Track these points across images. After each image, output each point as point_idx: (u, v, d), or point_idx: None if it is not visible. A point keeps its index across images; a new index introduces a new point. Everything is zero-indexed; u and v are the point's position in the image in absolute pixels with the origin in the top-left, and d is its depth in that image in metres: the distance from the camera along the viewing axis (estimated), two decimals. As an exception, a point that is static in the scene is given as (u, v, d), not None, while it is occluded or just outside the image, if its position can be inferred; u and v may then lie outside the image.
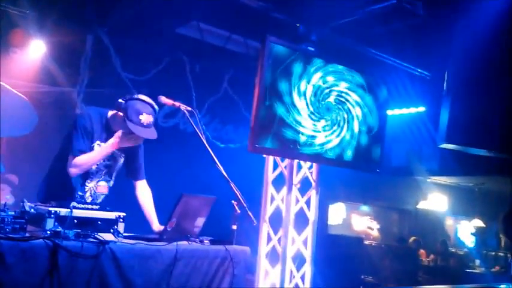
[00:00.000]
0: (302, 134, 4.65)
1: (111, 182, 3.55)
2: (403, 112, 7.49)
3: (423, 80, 6.19)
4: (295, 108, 4.59)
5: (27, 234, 2.64)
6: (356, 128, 5.04)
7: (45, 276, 2.50)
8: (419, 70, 6.02)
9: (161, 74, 5.79)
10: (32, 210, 2.87)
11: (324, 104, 4.82)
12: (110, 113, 3.44)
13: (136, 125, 3.28)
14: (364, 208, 11.64)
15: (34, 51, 5.23)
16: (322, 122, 4.79)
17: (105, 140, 3.36)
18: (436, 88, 5.33)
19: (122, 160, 3.54)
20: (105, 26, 5.33)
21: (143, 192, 3.60)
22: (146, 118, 3.31)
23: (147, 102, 3.37)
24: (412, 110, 7.42)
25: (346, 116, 4.97)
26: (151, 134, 3.38)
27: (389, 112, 5.96)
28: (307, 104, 4.67)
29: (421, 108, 7.29)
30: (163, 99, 3.71)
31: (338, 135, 4.91)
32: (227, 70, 6.46)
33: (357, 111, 5.03)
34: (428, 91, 6.46)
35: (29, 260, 2.50)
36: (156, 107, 3.43)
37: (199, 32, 5.76)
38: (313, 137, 4.73)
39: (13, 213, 2.71)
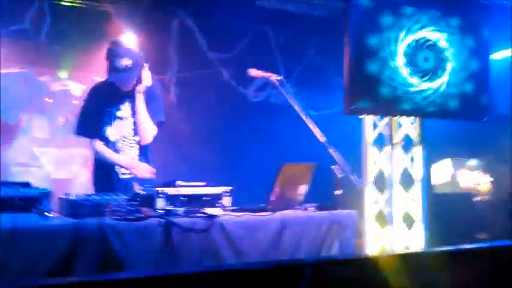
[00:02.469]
0: (399, 88, 4.42)
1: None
2: (508, 54, 6.88)
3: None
4: (389, 62, 4.37)
5: (140, 215, 2.77)
6: (457, 76, 4.70)
7: (161, 252, 2.63)
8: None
9: (247, 49, 5.78)
10: (143, 192, 3.01)
11: (420, 54, 4.54)
12: None
13: (112, 71, 3.42)
14: (472, 163, 10.99)
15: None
16: (420, 74, 4.52)
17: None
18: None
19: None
20: (187, 8, 5.40)
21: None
22: (122, 62, 3.39)
23: (122, 46, 3.50)
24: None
25: (445, 64, 4.64)
26: (129, 78, 3.45)
27: (493, 56, 5.50)
28: (402, 56, 4.42)
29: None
30: (253, 71, 3.72)
31: (439, 86, 4.62)
32: (312, 36, 6.32)
33: (456, 58, 4.69)
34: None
35: (145, 238, 2.63)
36: (133, 48, 3.61)
37: (279, 2, 5.67)
38: (412, 90, 4.48)
39: (126, 197, 2.86)
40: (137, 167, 3.58)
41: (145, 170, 3.56)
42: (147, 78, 3.54)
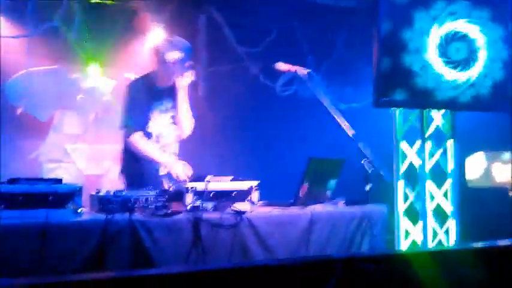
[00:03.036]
0: (431, 80, 4.33)
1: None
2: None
3: None
4: (421, 54, 4.28)
5: (169, 211, 2.79)
6: (489, 67, 4.56)
7: (190, 247, 2.64)
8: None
9: (274, 43, 5.74)
10: (172, 188, 3.03)
11: (451, 45, 4.43)
12: None
13: (163, 64, 3.44)
14: (507, 155, 10.70)
15: (154, 39, 5.46)
16: (452, 65, 4.40)
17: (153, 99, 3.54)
18: None
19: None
20: (215, 2, 5.40)
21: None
22: (173, 55, 3.42)
23: (173, 41, 3.52)
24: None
25: (476, 55, 4.52)
26: (180, 71, 3.47)
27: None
28: (434, 48, 4.32)
29: None
30: (281, 65, 3.69)
31: (470, 77, 4.49)
32: (340, 29, 6.23)
33: (487, 48, 4.55)
34: None
35: (174, 234, 2.65)
36: (184, 44, 3.53)
37: (307, -7, 5.61)
38: (444, 82, 4.38)
39: (155, 192, 2.88)
40: (175, 166, 3.46)
41: (182, 171, 3.43)
42: (192, 73, 3.56)
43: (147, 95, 3.54)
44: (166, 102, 3.58)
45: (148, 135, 3.53)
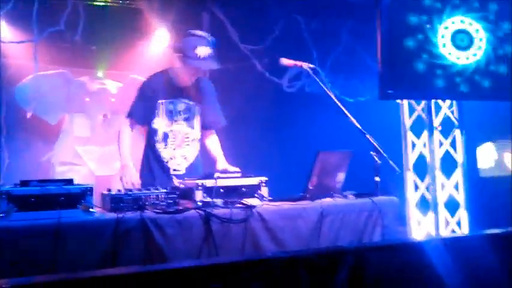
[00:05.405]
0: (435, 71, 4.31)
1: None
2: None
3: None
4: (424, 46, 4.27)
5: (180, 207, 2.81)
6: (493, 56, 4.54)
7: (202, 243, 2.65)
8: None
9: (279, 39, 5.75)
10: (181, 185, 3.05)
11: (457, 36, 4.41)
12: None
13: (194, 60, 3.32)
14: (517, 145, 10.62)
15: (159, 39, 5.49)
16: (456, 54, 4.39)
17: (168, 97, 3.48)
18: None
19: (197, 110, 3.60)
20: (217, 0, 5.41)
21: (212, 139, 3.72)
22: (202, 50, 3.33)
23: (200, 36, 3.40)
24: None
25: (481, 45, 4.50)
26: (211, 65, 3.40)
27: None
28: (439, 39, 4.31)
29: None
30: (284, 61, 3.69)
31: (475, 66, 4.48)
32: (344, 22, 6.21)
33: (492, 39, 4.53)
34: None
35: (185, 230, 2.66)
36: (210, 38, 3.43)
37: (310, -13, 5.60)
38: (447, 72, 4.37)
39: (165, 190, 2.90)
40: (127, 172, 3.32)
41: (130, 179, 3.28)
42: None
43: (160, 92, 3.48)
44: (181, 102, 3.52)
45: (154, 132, 3.49)
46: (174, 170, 3.50)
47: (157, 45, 5.49)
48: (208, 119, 3.65)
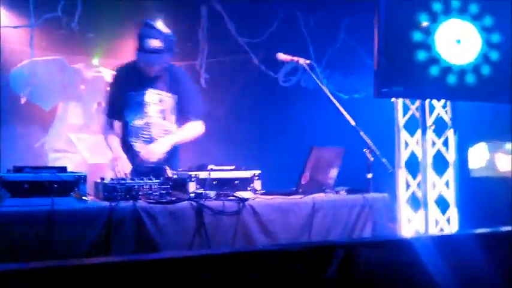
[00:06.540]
0: (431, 70, 4.33)
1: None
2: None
3: None
4: (421, 44, 4.28)
5: (173, 198, 2.82)
6: (485, 54, 4.55)
7: (194, 234, 2.67)
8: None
9: (276, 33, 5.75)
10: (175, 176, 3.06)
11: (452, 35, 4.42)
12: None
13: (140, 52, 3.23)
14: (510, 146, 10.70)
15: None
16: (452, 55, 4.41)
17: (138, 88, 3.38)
18: None
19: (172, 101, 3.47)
20: (216, -8, 5.40)
21: (189, 125, 3.51)
22: (151, 43, 3.21)
23: (153, 27, 3.28)
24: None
25: (477, 45, 4.52)
26: (158, 60, 3.25)
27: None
28: (434, 38, 4.32)
29: None
30: (281, 55, 3.69)
31: (472, 66, 4.50)
32: (342, 18, 6.23)
33: (489, 38, 4.55)
34: None
35: (178, 221, 2.68)
36: (165, 31, 3.32)
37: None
38: (444, 72, 4.39)
39: (158, 180, 2.91)
40: (120, 161, 3.30)
41: (122, 168, 3.26)
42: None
43: (129, 84, 3.39)
44: (152, 93, 3.39)
45: (127, 124, 3.42)
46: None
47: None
48: (186, 109, 3.50)
